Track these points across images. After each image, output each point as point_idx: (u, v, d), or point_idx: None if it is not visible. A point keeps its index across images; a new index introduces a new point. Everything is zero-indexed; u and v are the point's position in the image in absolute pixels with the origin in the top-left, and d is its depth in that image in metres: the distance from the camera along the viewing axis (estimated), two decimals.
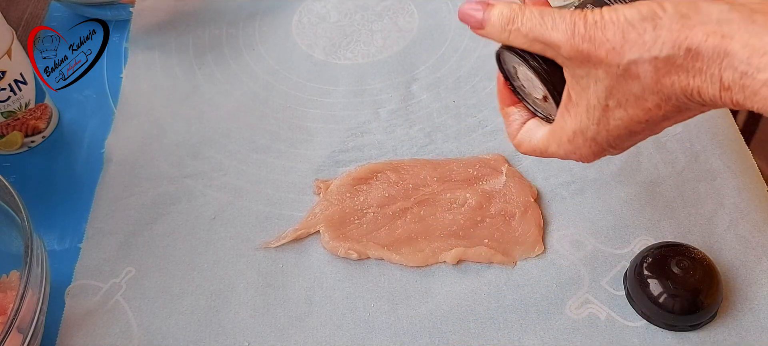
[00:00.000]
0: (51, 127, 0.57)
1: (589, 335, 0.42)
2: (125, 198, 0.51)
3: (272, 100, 0.58)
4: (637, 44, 0.29)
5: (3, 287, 0.43)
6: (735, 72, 0.27)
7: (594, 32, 0.30)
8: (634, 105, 0.31)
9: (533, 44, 0.33)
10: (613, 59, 0.30)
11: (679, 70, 0.28)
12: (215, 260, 0.47)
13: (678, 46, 0.28)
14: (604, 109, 0.32)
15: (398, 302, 0.44)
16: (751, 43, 0.26)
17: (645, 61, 0.29)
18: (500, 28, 0.34)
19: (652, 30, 0.28)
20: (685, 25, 0.28)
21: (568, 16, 0.31)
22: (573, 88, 0.33)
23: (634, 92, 0.30)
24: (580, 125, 0.33)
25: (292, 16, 0.66)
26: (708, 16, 0.27)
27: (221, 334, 0.43)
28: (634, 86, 0.30)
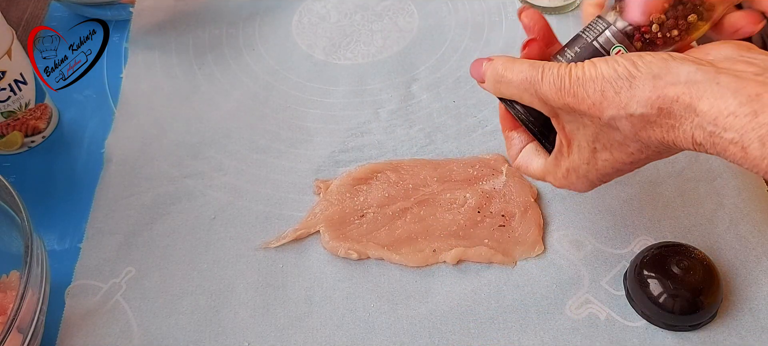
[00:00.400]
0: (51, 127, 0.57)
1: (589, 335, 0.42)
2: (125, 198, 0.51)
3: (272, 100, 0.58)
4: (614, 103, 0.31)
5: (3, 287, 0.43)
6: (704, 131, 0.29)
7: (577, 88, 0.32)
8: (618, 149, 0.34)
9: (523, 95, 0.35)
10: (595, 113, 0.32)
11: (654, 126, 0.31)
12: (215, 260, 0.47)
13: (651, 105, 0.30)
14: (593, 152, 0.35)
15: (398, 302, 0.44)
16: (716, 105, 0.28)
17: (622, 118, 0.31)
18: (494, 81, 0.37)
19: (628, 89, 0.31)
20: (657, 85, 0.30)
21: (556, 71, 0.33)
22: (563, 133, 0.36)
23: (617, 139, 0.33)
24: (572, 164, 0.36)
25: (292, 16, 0.66)
26: (677, 76, 0.29)
27: (221, 334, 0.43)
28: (616, 135, 0.33)
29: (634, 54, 0.31)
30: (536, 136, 0.39)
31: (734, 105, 0.27)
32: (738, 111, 0.27)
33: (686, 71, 0.29)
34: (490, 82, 0.37)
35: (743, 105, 0.27)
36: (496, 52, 0.60)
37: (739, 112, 0.27)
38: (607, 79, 0.31)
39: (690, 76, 0.29)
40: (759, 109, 0.27)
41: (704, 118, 0.28)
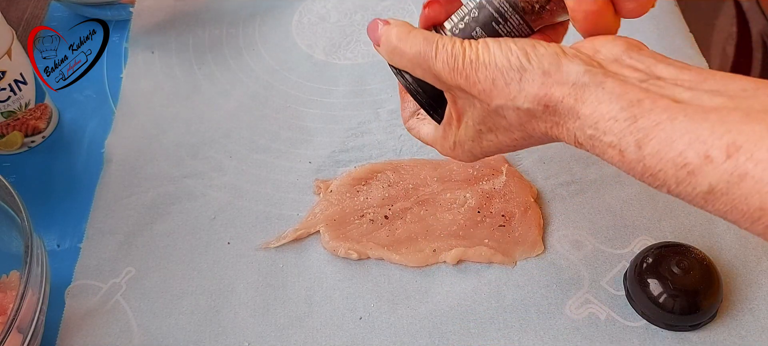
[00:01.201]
0: (51, 127, 0.57)
1: (589, 335, 0.42)
2: (125, 198, 0.51)
3: (272, 100, 0.58)
4: (503, 93, 0.31)
5: (3, 287, 0.43)
6: (584, 133, 0.29)
7: (469, 71, 0.32)
8: (503, 133, 0.34)
9: (416, 69, 0.35)
10: (484, 99, 0.32)
11: (539, 120, 0.31)
12: (215, 260, 0.47)
13: (538, 102, 0.30)
14: (478, 132, 0.35)
15: (398, 302, 0.44)
16: (599, 109, 0.28)
17: (509, 109, 0.32)
18: (388, 50, 0.36)
19: (517, 82, 0.31)
20: (546, 82, 0.30)
21: (450, 49, 0.33)
22: (454, 108, 0.36)
23: (503, 125, 0.33)
24: (458, 138, 0.37)
25: (292, 16, 0.66)
26: (566, 76, 0.30)
27: (221, 334, 0.43)
28: (502, 122, 0.33)
29: (528, 43, 0.31)
30: (425, 109, 0.38)
31: (616, 110, 0.28)
32: (618, 116, 0.28)
33: (575, 72, 0.29)
34: (384, 50, 0.36)
35: (624, 110, 0.28)
36: None
37: (619, 117, 0.28)
38: (499, 69, 0.31)
39: (578, 77, 0.29)
40: (638, 114, 0.27)
41: (585, 121, 0.29)
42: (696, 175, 0.26)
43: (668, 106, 0.27)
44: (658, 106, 0.27)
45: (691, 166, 0.26)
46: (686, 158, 0.26)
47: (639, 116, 0.27)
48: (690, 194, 0.27)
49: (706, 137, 0.26)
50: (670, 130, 0.26)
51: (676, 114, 0.27)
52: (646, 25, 0.60)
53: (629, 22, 0.63)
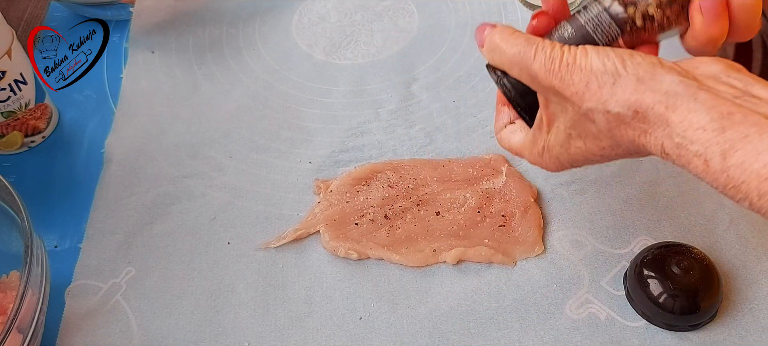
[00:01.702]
0: (51, 127, 0.57)
1: (589, 335, 0.42)
2: (125, 198, 0.51)
3: (272, 100, 0.58)
4: (595, 96, 0.32)
5: (3, 287, 0.43)
6: (672, 142, 0.29)
7: (564, 73, 0.33)
8: (591, 141, 0.34)
9: (513, 68, 0.36)
10: (576, 101, 0.33)
11: (628, 127, 0.31)
12: (215, 260, 0.47)
13: (628, 106, 0.31)
14: (568, 137, 0.35)
15: (398, 302, 0.44)
16: (688, 118, 0.29)
17: (600, 112, 0.32)
18: (490, 49, 0.37)
19: (610, 86, 0.31)
20: (638, 89, 0.30)
21: (549, 52, 0.34)
22: (545, 112, 0.36)
23: (592, 131, 0.34)
24: (547, 143, 0.37)
25: (292, 16, 0.66)
26: (660, 84, 0.30)
27: (221, 334, 0.43)
28: (592, 127, 0.33)
29: (626, 52, 0.32)
30: (517, 109, 0.39)
31: (705, 120, 0.28)
32: (707, 126, 0.28)
33: (669, 80, 0.30)
34: (487, 49, 0.37)
35: (714, 120, 0.28)
36: None
37: (709, 127, 0.28)
38: (594, 72, 0.32)
39: (671, 86, 0.30)
40: (727, 126, 0.28)
41: (674, 129, 0.29)
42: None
43: (758, 121, 0.27)
44: (749, 120, 0.27)
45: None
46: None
47: (728, 128, 0.28)
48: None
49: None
50: (757, 143, 0.27)
51: (766, 129, 0.27)
52: None
53: None
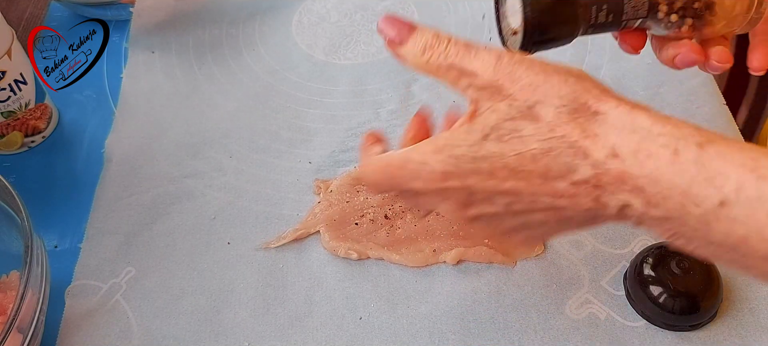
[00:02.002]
0: (51, 127, 0.57)
1: (589, 335, 0.42)
2: (125, 198, 0.51)
3: (272, 100, 0.58)
4: (551, 91, 0.29)
5: (3, 287, 0.43)
6: (627, 148, 0.27)
7: (515, 68, 0.30)
8: (513, 144, 0.30)
9: (450, 70, 0.33)
10: (523, 96, 0.30)
11: (576, 123, 0.29)
12: (215, 260, 0.47)
13: (586, 108, 0.29)
14: (483, 137, 0.31)
15: (398, 302, 0.44)
16: (630, 140, 0.27)
17: (551, 105, 0.29)
18: (421, 49, 0.34)
19: (574, 82, 0.29)
20: (601, 97, 0.29)
21: (494, 50, 0.31)
22: (473, 107, 0.33)
23: (523, 133, 0.30)
24: (452, 141, 0.32)
25: (292, 16, 0.66)
26: (618, 122, 0.28)
27: (221, 334, 0.43)
28: (527, 127, 0.30)
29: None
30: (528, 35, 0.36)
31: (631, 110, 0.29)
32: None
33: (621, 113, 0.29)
34: (413, 49, 0.34)
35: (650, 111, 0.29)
36: None
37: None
38: (557, 70, 0.30)
39: (623, 118, 0.29)
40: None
41: (623, 145, 0.28)
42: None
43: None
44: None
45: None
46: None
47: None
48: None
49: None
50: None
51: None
52: None
53: None
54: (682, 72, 0.56)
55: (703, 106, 0.54)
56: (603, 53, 0.58)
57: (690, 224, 0.26)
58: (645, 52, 0.58)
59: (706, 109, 0.53)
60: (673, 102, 0.54)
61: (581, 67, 0.57)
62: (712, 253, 0.27)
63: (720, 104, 0.54)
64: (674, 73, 0.56)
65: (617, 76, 0.56)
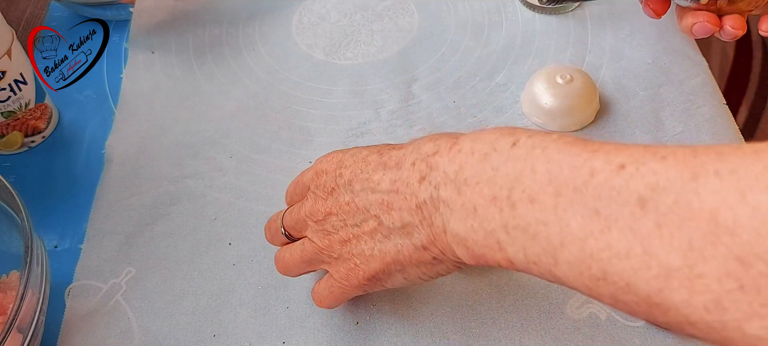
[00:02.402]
0: (51, 127, 0.56)
1: (589, 335, 0.42)
2: (126, 198, 0.51)
3: (272, 100, 0.58)
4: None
5: (3, 287, 0.43)
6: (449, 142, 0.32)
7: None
8: (381, 150, 0.37)
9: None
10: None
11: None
12: (216, 261, 0.47)
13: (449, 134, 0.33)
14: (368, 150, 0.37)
15: (399, 302, 0.44)
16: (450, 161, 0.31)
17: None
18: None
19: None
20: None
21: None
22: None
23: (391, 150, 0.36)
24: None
25: (292, 16, 0.66)
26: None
27: (222, 334, 0.43)
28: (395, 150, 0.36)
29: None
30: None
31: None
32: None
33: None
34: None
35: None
36: (496, 52, 0.60)
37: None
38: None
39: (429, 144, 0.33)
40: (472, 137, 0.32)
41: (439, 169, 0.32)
42: None
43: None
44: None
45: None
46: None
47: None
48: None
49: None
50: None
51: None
52: (647, 25, 0.60)
53: (631, 23, 0.63)
54: (682, 72, 0.56)
55: (703, 106, 0.54)
56: (603, 53, 0.58)
57: (484, 175, 0.29)
58: (645, 53, 0.58)
59: (706, 109, 0.53)
60: (673, 102, 0.54)
61: (581, 67, 0.57)
62: (489, 224, 0.29)
63: (720, 104, 0.54)
64: (674, 73, 0.56)
65: (617, 76, 0.56)
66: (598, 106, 0.53)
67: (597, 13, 0.62)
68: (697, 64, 0.57)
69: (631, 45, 0.59)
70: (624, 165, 0.24)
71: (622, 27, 0.60)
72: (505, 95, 0.56)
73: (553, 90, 0.51)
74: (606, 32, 0.60)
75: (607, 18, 0.61)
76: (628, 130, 0.53)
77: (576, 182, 0.25)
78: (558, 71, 0.52)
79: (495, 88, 0.57)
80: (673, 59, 0.57)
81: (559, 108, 0.51)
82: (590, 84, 0.53)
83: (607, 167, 0.24)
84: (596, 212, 0.24)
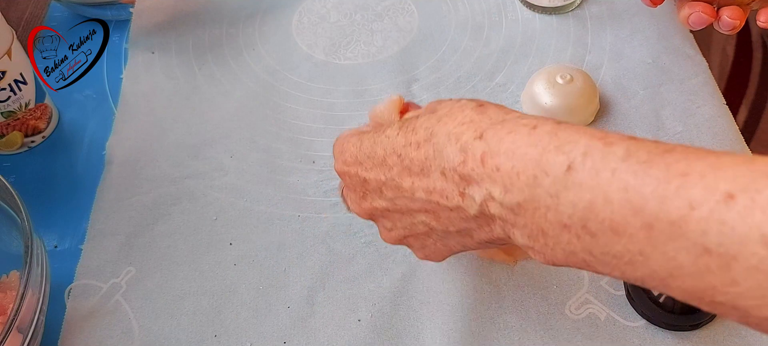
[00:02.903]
0: (51, 127, 0.56)
1: (589, 335, 0.42)
2: (126, 198, 0.51)
3: (272, 100, 0.58)
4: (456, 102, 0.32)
5: (3, 287, 0.43)
6: (492, 130, 0.29)
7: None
8: (407, 134, 0.33)
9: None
10: (434, 105, 0.33)
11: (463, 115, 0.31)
12: (217, 261, 0.47)
13: (476, 102, 0.31)
14: (388, 129, 0.34)
15: (399, 302, 0.44)
16: (498, 127, 0.29)
17: (448, 103, 0.32)
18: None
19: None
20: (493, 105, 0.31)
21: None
22: None
23: (417, 124, 0.32)
24: (371, 133, 0.36)
25: (292, 16, 0.66)
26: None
27: (223, 334, 0.43)
28: (422, 119, 0.32)
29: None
30: None
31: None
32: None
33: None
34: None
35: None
36: (496, 52, 0.60)
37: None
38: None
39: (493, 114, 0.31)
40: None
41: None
42: None
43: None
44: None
45: None
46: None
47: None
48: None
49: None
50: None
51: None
52: (646, 25, 0.60)
53: (630, 21, 0.63)
54: (682, 71, 0.56)
55: (703, 106, 0.54)
56: (603, 53, 0.58)
57: (542, 202, 0.26)
58: (645, 52, 0.58)
59: (706, 109, 0.53)
60: (673, 102, 0.54)
61: (581, 67, 0.57)
62: (567, 246, 0.26)
63: (720, 104, 0.54)
64: (674, 73, 0.56)
65: (617, 76, 0.56)
66: (598, 106, 0.54)
67: (597, 13, 0.62)
68: (697, 63, 0.57)
69: (631, 45, 0.59)
70: (732, 195, 0.21)
71: (622, 27, 0.60)
72: (505, 95, 0.56)
73: (553, 90, 0.51)
74: (606, 32, 0.60)
75: (607, 18, 0.61)
76: (628, 130, 0.53)
77: (670, 215, 0.22)
78: (558, 71, 0.52)
79: (495, 88, 0.57)
80: (673, 59, 0.57)
81: (559, 108, 0.51)
82: (590, 84, 0.53)
83: (710, 198, 0.21)
84: (706, 250, 0.21)
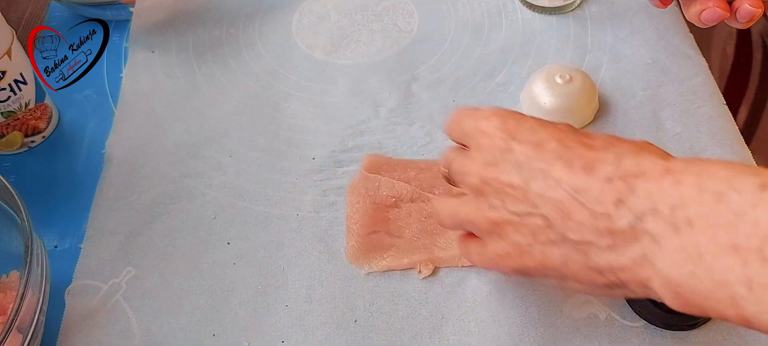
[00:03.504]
0: (51, 127, 0.57)
1: (588, 335, 0.42)
2: (125, 198, 0.51)
3: (272, 100, 0.58)
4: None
5: (3, 287, 0.43)
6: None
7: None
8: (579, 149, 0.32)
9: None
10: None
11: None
12: (215, 260, 0.47)
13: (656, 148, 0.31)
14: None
15: (399, 302, 0.44)
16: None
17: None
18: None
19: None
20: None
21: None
22: None
23: (593, 142, 0.32)
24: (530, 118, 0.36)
25: (292, 16, 0.66)
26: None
27: (222, 334, 0.43)
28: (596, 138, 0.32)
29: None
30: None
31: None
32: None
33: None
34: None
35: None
36: (496, 52, 0.60)
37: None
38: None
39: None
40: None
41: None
42: None
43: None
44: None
45: None
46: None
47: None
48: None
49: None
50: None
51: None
52: (646, 25, 0.60)
53: (630, 21, 0.63)
54: (682, 72, 0.56)
55: (703, 106, 0.54)
56: (603, 53, 0.58)
57: (721, 219, 0.25)
58: (645, 53, 0.58)
59: (706, 109, 0.53)
60: (673, 102, 0.54)
61: (581, 67, 0.57)
62: (721, 274, 0.26)
63: (720, 104, 0.54)
64: (674, 73, 0.56)
65: (617, 76, 0.56)
66: (597, 106, 0.54)
67: (597, 13, 0.62)
68: (697, 64, 0.57)
69: (631, 45, 0.59)
70: None
71: (622, 27, 0.60)
72: (505, 95, 0.56)
73: (553, 90, 0.51)
74: (606, 32, 0.60)
75: (607, 18, 0.61)
76: (628, 130, 0.53)
77: None
78: (557, 71, 0.52)
79: (495, 88, 0.57)
80: (673, 59, 0.57)
81: (559, 108, 0.51)
82: (590, 84, 0.53)
83: None
84: None
